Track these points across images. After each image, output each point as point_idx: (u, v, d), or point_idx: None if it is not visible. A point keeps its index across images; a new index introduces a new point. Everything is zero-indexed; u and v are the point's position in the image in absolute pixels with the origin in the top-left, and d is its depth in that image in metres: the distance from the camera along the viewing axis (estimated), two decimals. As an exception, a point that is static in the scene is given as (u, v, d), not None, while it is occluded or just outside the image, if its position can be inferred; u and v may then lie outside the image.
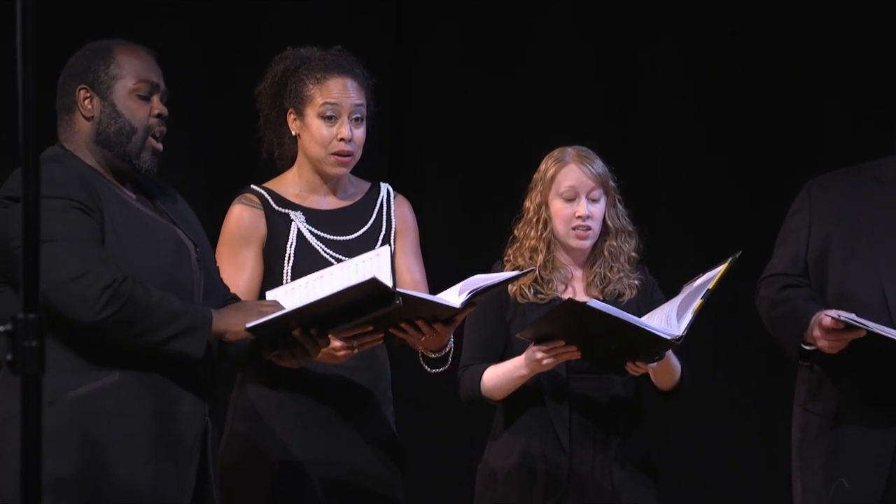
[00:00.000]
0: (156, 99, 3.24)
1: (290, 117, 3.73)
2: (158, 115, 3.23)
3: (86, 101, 3.21)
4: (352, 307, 3.19)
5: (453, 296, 3.38)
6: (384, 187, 3.87)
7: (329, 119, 3.69)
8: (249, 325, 3.12)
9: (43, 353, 2.13)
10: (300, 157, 3.76)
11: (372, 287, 3.11)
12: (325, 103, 3.68)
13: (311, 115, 3.70)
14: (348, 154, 3.70)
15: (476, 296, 3.39)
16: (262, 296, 3.66)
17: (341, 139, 3.68)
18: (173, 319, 3.06)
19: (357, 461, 3.69)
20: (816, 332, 3.63)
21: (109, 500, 3.07)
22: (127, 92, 3.21)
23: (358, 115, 3.71)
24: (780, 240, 3.91)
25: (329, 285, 3.27)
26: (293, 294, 3.33)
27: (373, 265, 3.26)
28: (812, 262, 3.82)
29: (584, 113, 5.60)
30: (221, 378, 3.33)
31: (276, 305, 3.22)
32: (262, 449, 3.66)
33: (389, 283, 3.17)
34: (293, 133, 3.74)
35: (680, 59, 5.63)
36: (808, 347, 3.71)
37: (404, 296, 3.24)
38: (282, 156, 3.81)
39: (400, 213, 3.84)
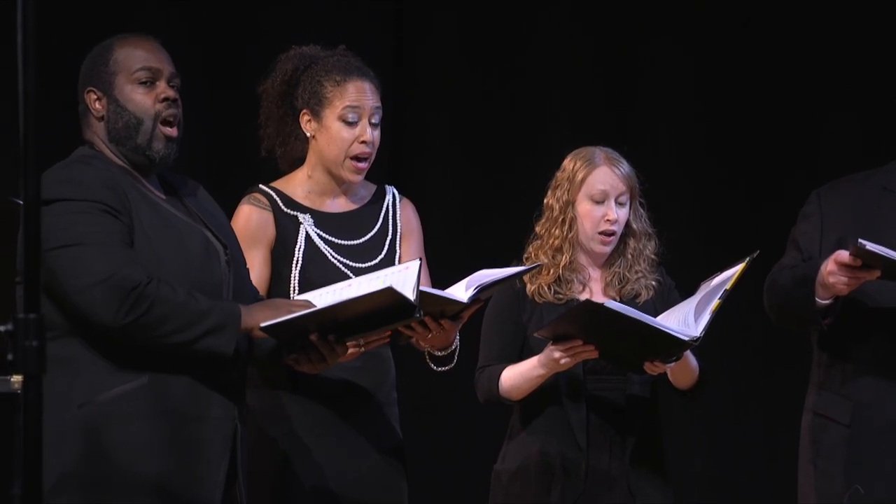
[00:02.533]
0: (161, 84, 3.20)
1: (304, 118, 3.71)
2: (165, 99, 3.20)
3: (95, 103, 3.20)
4: (371, 316, 3.16)
5: (460, 291, 3.37)
6: (390, 190, 3.85)
7: (349, 122, 3.67)
8: (264, 324, 3.09)
9: (44, 352, 2.12)
10: (312, 159, 3.74)
11: (389, 296, 3.08)
12: (347, 106, 3.66)
13: (330, 117, 3.67)
14: (366, 157, 3.69)
15: (482, 291, 3.38)
16: (272, 296, 3.64)
17: (362, 141, 3.66)
18: (201, 318, 3.03)
19: (361, 462, 3.68)
20: (831, 266, 3.54)
21: (139, 502, 3.08)
22: (128, 83, 3.18)
23: (375, 119, 3.70)
24: (791, 243, 3.88)
25: (356, 294, 3.25)
26: (320, 299, 3.30)
27: (400, 277, 3.23)
28: None
29: (584, 112, 5.60)
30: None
31: (306, 304, 3.19)
32: (266, 450, 3.65)
33: (412, 296, 3.13)
34: (308, 134, 3.71)
35: (680, 58, 5.63)
36: (822, 302, 3.66)
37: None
38: (284, 155, 3.79)
39: (405, 216, 3.82)
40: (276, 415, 3.65)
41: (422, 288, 3.29)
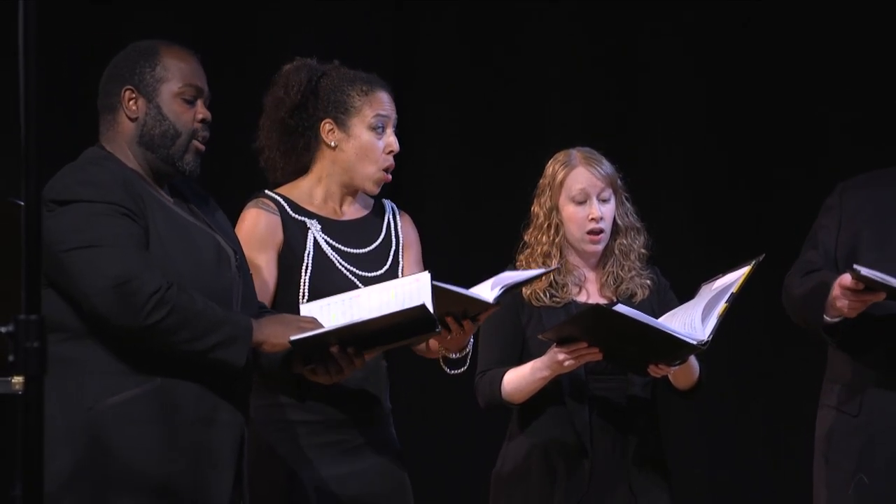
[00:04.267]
0: (200, 103, 3.23)
1: (326, 128, 3.69)
2: (203, 120, 3.22)
3: (130, 103, 3.20)
4: (393, 330, 3.19)
5: (485, 291, 3.38)
6: (388, 203, 3.86)
7: (378, 131, 3.67)
8: (293, 338, 3.13)
9: (45, 354, 2.11)
10: (325, 168, 3.71)
11: (419, 313, 3.12)
12: (377, 115, 3.66)
13: (358, 126, 3.66)
14: (391, 168, 3.70)
15: (507, 292, 3.39)
16: (279, 301, 3.65)
17: (390, 152, 3.67)
18: (216, 328, 3.05)
19: (365, 468, 3.67)
20: (836, 291, 3.57)
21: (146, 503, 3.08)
22: (172, 95, 3.19)
23: (395, 129, 3.71)
24: (810, 237, 3.89)
25: (367, 305, 3.26)
26: (328, 310, 3.31)
27: (413, 290, 3.24)
28: (842, 260, 3.78)
29: (584, 111, 5.59)
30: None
31: (314, 322, 3.21)
32: (267, 458, 3.63)
33: (432, 311, 3.16)
34: (332, 144, 3.69)
35: (681, 58, 5.63)
36: (831, 320, 3.68)
37: (440, 288, 3.25)
38: (286, 166, 3.75)
39: (405, 228, 3.82)
40: (273, 422, 3.64)
41: (449, 286, 3.29)
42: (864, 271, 3.47)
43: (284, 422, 3.63)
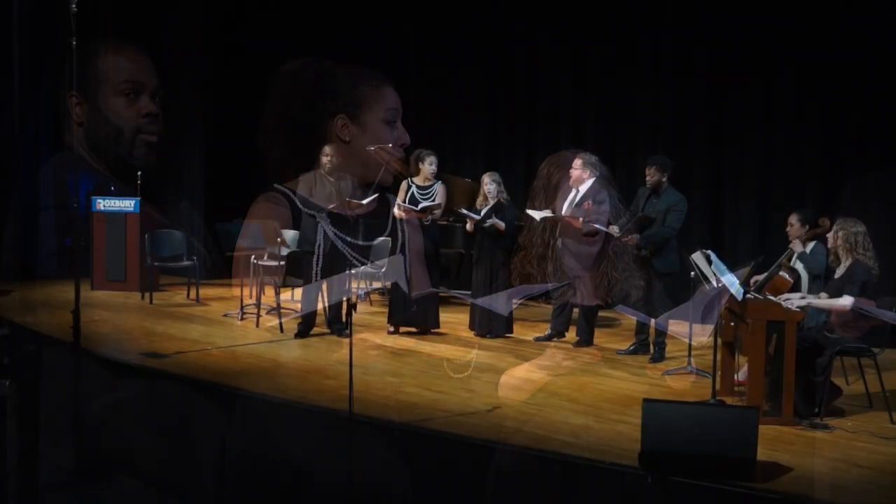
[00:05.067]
0: (144, 97, 3.23)
1: (339, 123, 3.72)
2: (147, 115, 3.21)
3: (76, 108, 3.21)
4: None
5: (501, 302, 3.41)
6: (393, 199, 3.88)
7: (391, 124, 3.71)
8: (282, 320, 3.14)
9: (40, 357, 2.12)
10: (335, 162, 3.73)
11: (394, 291, 3.16)
12: (390, 109, 3.71)
13: (373, 120, 3.71)
14: (402, 160, 3.74)
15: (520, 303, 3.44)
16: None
17: (402, 144, 3.71)
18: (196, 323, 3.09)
19: (363, 467, 3.68)
20: (834, 318, 3.65)
21: (138, 499, 3.10)
22: (112, 93, 3.20)
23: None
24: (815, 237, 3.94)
25: (356, 284, 3.32)
26: (321, 291, 3.36)
27: (391, 269, 3.30)
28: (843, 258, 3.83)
29: (583, 114, 5.59)
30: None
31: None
32: (265, 457, 3.64)
33: (406, 288, 3.21)
34: (346, 139, 3.72)
35: (684, 58, 5.63)
36: (831, 335, 3.73)
37: (457, 299, 3.30)
38: (294, 162, 3.79)
39: (410, 226, 3.85)
40: (269, 421, 3.65)
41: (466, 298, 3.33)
42: (855, 305, 3.53)
43: (281, 420, 3.64)
